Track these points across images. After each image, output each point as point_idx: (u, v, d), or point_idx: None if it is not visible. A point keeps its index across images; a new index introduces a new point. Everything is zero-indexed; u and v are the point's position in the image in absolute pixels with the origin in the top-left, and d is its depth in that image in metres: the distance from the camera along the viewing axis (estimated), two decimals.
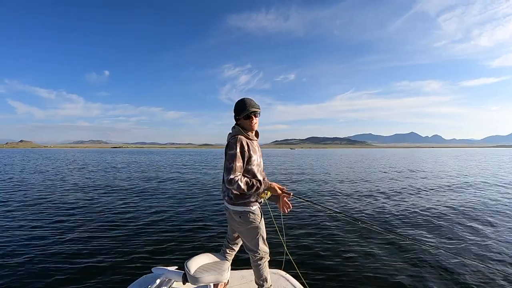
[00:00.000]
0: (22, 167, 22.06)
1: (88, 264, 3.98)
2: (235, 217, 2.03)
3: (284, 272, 2.56)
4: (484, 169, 20.52)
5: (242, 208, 2.01)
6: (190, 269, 1.92)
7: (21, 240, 4.94)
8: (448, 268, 3.86)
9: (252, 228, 2.05)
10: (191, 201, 8.40)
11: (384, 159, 37.37)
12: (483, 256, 4.31)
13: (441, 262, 4.06)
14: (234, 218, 2.05)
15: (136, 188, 11.32)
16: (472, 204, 7.99)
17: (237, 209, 2.01)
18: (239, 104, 2.03)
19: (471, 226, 5.80)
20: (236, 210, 2.01)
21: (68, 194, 9.65)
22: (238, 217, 2.02)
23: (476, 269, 3.81)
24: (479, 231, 5.48)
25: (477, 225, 5.88)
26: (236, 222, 2.06)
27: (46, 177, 15.02)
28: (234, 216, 2.04)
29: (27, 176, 15.38)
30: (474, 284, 3.44)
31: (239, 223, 2.04)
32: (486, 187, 11.48)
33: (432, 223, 6.04)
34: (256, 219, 2.05)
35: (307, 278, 3.35)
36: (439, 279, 3.56)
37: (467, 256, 4.20)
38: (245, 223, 2.03)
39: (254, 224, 2.05)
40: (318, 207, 6.70)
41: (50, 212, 7.01)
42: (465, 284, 3.44)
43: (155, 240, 4.96)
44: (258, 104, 2.05)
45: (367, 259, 4.15)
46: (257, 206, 2.08)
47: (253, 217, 2.03)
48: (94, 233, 5.40)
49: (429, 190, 10.65)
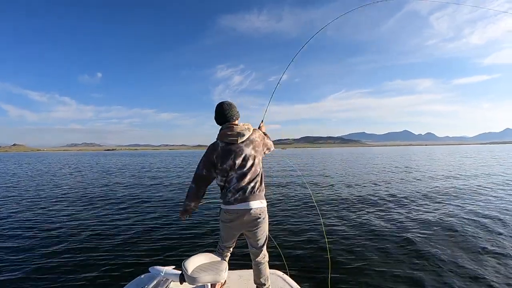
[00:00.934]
0: (23, 172, 21.73)
1: (85, 263, 4.00)
2: (255, 214, 2.03)
3: (281, 272, 2.57)
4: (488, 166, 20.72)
5: (263, 205, 2.07)
6: (188, 269, 1.92)
7: (17, 242, 4.90)
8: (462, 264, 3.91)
9: (266, 226, 2.12)
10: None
11: (382, 158, 37.62)
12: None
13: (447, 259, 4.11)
14: (250, 216, 2.02)
15: (132, 189, 11.29)
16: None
17: (257, 207, 2.05)
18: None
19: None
20: (255, 209, 2.03)
21: (64, 197, 9.58)
22: (255, 217, 2.04)
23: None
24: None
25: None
26: (250, 222, 2.05)
27: (42, 182, 14.84)
28: (248, 216, 2.02)
29: (23, 182, 15.16)
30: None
31: (254, 222, 2.05)
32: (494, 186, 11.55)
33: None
34: (267, 218, 2.13)
35: (303, 279, 3.37)
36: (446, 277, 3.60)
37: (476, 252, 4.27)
38: (261, 221, 2.07)
39: (267, 221, 2.14)
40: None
41: (47, 214, 6.99)
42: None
43: (152, 240, 4.98)
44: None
45: (363, 259, 4.14)
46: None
47: (267, 214, 2.12)
48: (91, 233, 5.41)
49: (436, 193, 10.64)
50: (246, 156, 2.01)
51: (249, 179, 2.00)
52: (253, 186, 2.01)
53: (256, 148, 2.05)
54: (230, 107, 2.10)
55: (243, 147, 2.01)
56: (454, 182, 12.11)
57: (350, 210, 7.13)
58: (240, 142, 2.01)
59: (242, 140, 2.01)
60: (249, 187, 2.00)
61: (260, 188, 2.05)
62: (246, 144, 2.02)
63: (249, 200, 1.99)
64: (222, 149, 2.02)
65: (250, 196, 2.00)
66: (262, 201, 2.06)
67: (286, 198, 8.78)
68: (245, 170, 2.00)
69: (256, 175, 2.03)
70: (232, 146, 2.01)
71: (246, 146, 2.02)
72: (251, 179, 2.00)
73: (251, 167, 2.01)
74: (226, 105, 2.10)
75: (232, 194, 2.00)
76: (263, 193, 2.10)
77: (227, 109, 2.09)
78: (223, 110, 2.10)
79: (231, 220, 2.06)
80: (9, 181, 15.13)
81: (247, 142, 2.03)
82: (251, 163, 2.02)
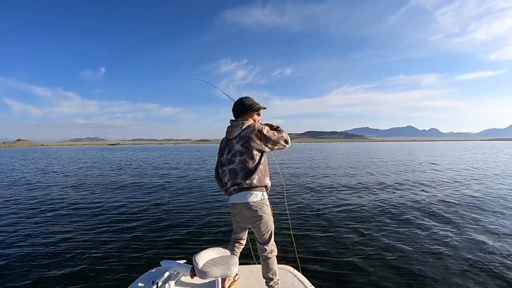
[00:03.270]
0: (34, 166, 22.02)
1: (97, 258, 4.07)
2: (251, 209, 2.08)
3: (292, 267, 2.57)
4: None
5: (259, 199, 2.10)
6: (198, 263, 1.94)
7: (31, 234, 5.03)
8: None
9: (268, 220, 2.13)
10: (199, 197, 8.53)
11: (392, 153, 37.34)
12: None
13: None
14: (248, 211, 2.09)
15: (142, 184, 11.42)
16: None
17: (253, 201, 2.08)
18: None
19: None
20: (250, 203, 2.08)
21: (75, 192, 9.72)
22: (254, 211, 2.08)
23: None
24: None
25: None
26: (250, 216, 2.11)
27: (52, 175, 15.08)
28: (247, 211, 2.09)
29: (36, 175, 15.43)
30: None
31: (254, 217, 2.10)
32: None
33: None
34: (270, 211, 2.15)
35: (315, 274, 3.39)
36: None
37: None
38: (260, 216, 2.09)
39: (269, 216, 2.14)
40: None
41: (58, 208, 7.14)
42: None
43: (164, 234, 5.05)
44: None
45: (379, 256, 4.10)
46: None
47: (268, 208, 2.13)
48: (103, 228, 5.50)
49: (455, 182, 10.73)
50: (235, 152, 2.12)
51: (241, 174, 2.07)
52: (245, 181, 2.06)
53: (245, 144, 2.08)
54: (237, 105, 2.24)
55: (234, 143, 2.14)
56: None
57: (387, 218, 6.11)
58: (232, 139, 2.16)
59: (233, 137, 2.14)
60: (241, 182, 2.07)
61: (254, 183, 2.06)
62: (236, 141, 2.13)
63: (241, 195, 2.08)
64: (222, 144, 2.26)
65: (243, 191, 2.08)
66: (257, 196, 2.08)
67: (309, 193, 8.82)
68: (234, 165, 2.11)
69: (247, 171, 2.06)
70: (228, 142, 2.19)
71: (236, 142, 2.13)
72: (244, 174, 2.06)
73: (239, 163, 2.08)
74: (236, 102, 2.26)
75: (227, 188, 2.17)
76: (263, 188, 2.13)
77: (234, 106, 2.25)
78: (233, 107, 2.27)
79: (234, 214, 2.21)
80: (26, 176, 15.32)
81: (237, 139, 2.13)
82: (239, 159, 2.09)
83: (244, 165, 2.07)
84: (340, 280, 3.42)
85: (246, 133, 2.11)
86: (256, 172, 2.07)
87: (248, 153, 2.07)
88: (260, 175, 2.09)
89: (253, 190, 2.07)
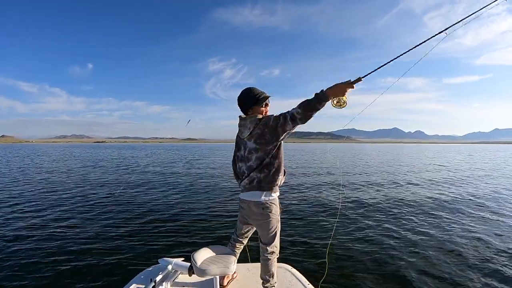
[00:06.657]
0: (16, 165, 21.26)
1: (94, 255, 4.04)
2: (259, 207, 2.04)
3: (290, 266, 2.57)
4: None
5: (267, 198, 2.05)
6: (197, 261, 1.95)
7: (29, 231, 4.99)
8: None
9: (273, 220, 2.08)
10: (197, 194, 8.49)
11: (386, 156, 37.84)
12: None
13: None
14: (254, 210, 2.07)
15: (141, 182, 11.30)
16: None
17: (261, 199, 2.04)
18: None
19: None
20: (258, 201, 2.04)
21: (72, 189, 9.53)
22: (261, 209, 2.04)
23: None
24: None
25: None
26: (256, 214, 2.08)
27: (48, 174, 14.64)
28: (255, 208, 2.06)
29: (29, 173, 14.94)
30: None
31: (260, 215, 2.06)
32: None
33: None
34: (278, 211, 2.10)
35: (313, 273, 3.32)
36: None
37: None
38: (267, 215, 2.05)
39: (276, 217, 2.09)
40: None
41: (56, 206, 7.08)
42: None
43: (162, 232, 5.03)
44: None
45: (378, 253, 4.16)
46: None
47: (276, 208, 2.08)
48: (99, 225, 5.44)
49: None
50: (250, 150, 2.05)
51: (255, 171, 2.02)
52: (259, 178, 2.01)
53: (257, 140, 2.00)
54: (241, 98, 2.13)
55: (247, 141, 2.07)
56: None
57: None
58: (244, 138, 2.09)
59: (245, 136, 2.07)
60: (256, 178, 2.02)
61: (266, 181, 2.02)
62: (248, 138, 2.05)
63: (252, 192, 2.05)
64: (237, 139, 2.21)
65: (253, 189, 2.04)
66: (267, 195, 2.04)
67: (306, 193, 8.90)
68: (251, 163, 2.05)
69: (262, 168, 2.01)
70: (241, 140, 2.14)
71: (248, 140, 2.05)
72: (258, 171, 2.01)
73: (256, 159, 2.02)
74: (240, 96, 2.14)
75: (242, 182, 2.12)
76: (275, 187, 2.06)
77: (239, 100, 2.13)
78: (238, 101, 2.15)
79: (242, 208, 2.17)
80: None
81: (248, 137, 2.05)
82: (255, 156, 2.02)
83: (260, 162, 2.01)
84: (340, 280, 3.44)
85: (256, 130, 2.00)
86: (270, 170, 2.01)
87: (263, 149, 2.00)
88: (274, 172, 2.03)
89: (264, 189, 2.03)
